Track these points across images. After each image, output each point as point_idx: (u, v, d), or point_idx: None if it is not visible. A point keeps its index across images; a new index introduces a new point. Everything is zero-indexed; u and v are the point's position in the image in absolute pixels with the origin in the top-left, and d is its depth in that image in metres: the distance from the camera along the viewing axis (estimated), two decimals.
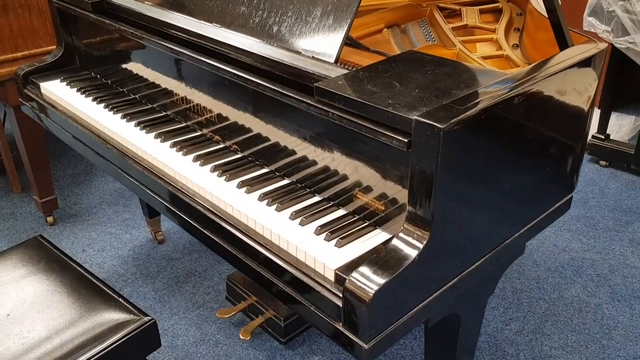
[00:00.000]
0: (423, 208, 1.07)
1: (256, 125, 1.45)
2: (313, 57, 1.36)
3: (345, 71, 1.28)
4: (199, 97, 1.61)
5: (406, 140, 1.05)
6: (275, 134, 1.41)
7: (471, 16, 2.02)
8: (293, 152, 1.38)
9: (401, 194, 1.16)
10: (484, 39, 1.84)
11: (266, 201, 1.33)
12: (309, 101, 1.23)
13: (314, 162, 1.34)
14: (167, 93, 1.72)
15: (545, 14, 1.76)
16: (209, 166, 1.47)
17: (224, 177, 1.42)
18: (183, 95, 1.66)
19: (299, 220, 1.26)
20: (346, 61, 1.48)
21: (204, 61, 1.49)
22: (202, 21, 1.62)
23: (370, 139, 1.14)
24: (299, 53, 1.38)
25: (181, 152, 1.54)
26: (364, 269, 1.05)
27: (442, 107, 1.06)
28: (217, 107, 1.55)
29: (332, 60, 1.32)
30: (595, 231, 2.67)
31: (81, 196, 2.97)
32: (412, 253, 1.06)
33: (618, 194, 2.95)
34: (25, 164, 2.57)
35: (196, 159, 1.50)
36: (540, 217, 1.41)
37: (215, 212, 1.35)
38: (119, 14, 1.83)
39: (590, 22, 2.91)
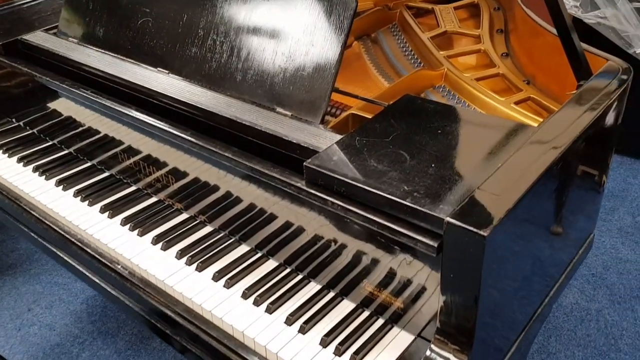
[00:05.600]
0: (461, 323, 0.86)
1: (226, 185, 1.18)
2: (292, 117, 1.10)
3: (337, 136, 1.03)
4: (148, 150, 1.31)
5: (435, 245, 0.83)
6: (251, 198, 1.14)
7: (448, 19, 1.79)
8: (275, 223, 1.13)
9: (425, 291, 0.94)
10: (470, 51, 1.61)
11: (252, 299, 1.09)
12: (298, 185, 0.98)
13: (307, 239, 1.10)
14: (108, 144, 1.42)
15: (534, 16, 1.56)
16: (174, 251, 1.21)
17: (195, 265, 1.17)
18: (128, 147, 1.36)
19: (297, 326, 1.03)
20: None
21: (145, 122, 1.21)
22: (144, 65, 1.33)
23: (384, 235, 0.91)
24: (272, 110, 1.13)
25: (136, 232, 1.27)
26: None
27: (476, 198, 0.83)
28: (173, 162, 1.27)
29: (318, 121, 1.08)
30: None
31: (18, 239, 2.63)
32: None
33: None
34: None
35: (156, 240, 1.24)
36: (569, 269, 1.22)
37: (188, 317, 1.09)
38: (38, 56, 1.51)
39: None
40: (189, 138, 1.13)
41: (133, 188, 1.41)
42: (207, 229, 1.27)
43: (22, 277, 2.42)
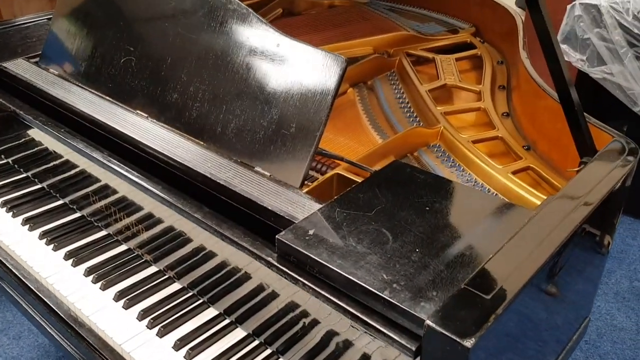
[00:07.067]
0: None
1: (199, 238, 1.09)
2: (271, 177, 1.03)
3: (316, 204, 0.95)
4: (121, 192, 1.22)
5: (414, 348, 0.74)
6: (224, 255, 1.05)
7: (448, 70, 1.72)
8: (247, 285, 1.03)
9: None
10: (469, 109, 1.54)
11: None
12: (269, 259, 0.90)
13: (278, 309, 1.00)
14: (82, 181, 1.33)
15: (539, 79, 1.49)
16: (137, 310, 1.11)
17: (156, 329, 1.08)
18: (100, 188, 1.27)
19: None
20: None
21: (116, 170, 1.14)
22: (123, 105, 1.26)
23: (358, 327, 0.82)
24: (251, 168, 1.05)
25: (99, 285, 1.18)
26: None
27: (461, 298, 0.75)
28: (146, 208, 1.18)
29: (297, 184, 1.00)
30: None
31: None
32: None
33: None
34: None
35: (119, 296, 1.15)
36: (562, 356, 1.13)
37: None
38: (16, 86, 1.43)
39: (563, 50, 2.67)
40: (159, 193, 1.06)
41: (103, 233, 1.33)
42: (175, 286, 1.18)
43: None
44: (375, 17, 2.06)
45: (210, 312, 1.12)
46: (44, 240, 1.30)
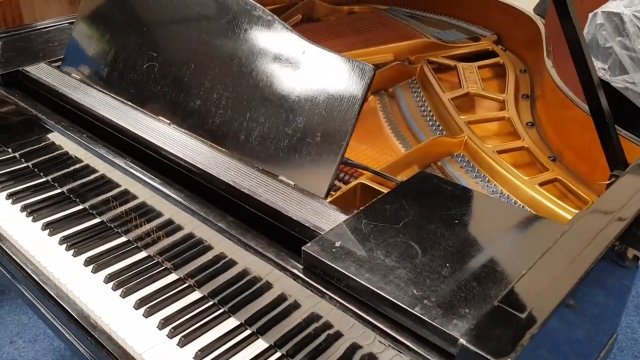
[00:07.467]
0: None
1: (219, 246, 1.07)
2: (295, 187, 1.01)
3: (341, 215, 0.94)
4: (142, 198, 1.21)
5: None
6: (245, 263, 1.03)
7: (471, 78, 1.70)
8: (269, 295, 1.02)
9: None
10: (493, 118, 1.52)
11: None
12: (294, 271, 0.88)
13: (300, 319, 0.98)
14: (102, 186, 1.32)
15: (565, 89, 1.46)
16: (157, 319, 1.10)
17: (177, 338, 1.06)
18: (121, 193, 1.26)
19: None
20: None
21: (138, 176, 1.13)
22: (145, 111, 1.25)
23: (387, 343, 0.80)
24: (275, 177, 1.03)
25: (119, 292, 1.17)
26: None
27: (495, 316, 0.73)
28: (166, 215, 1.16)
29: (322, 195, 0.98)
30: None
31: None
32: None
33: None
34: None
35: (139, 304, 1.13)
36: None
37: None
38: (38, 90, 1.43)
39: None
40: (182, 201, 1.04)
41: (122, 239, 1.31)
42: (196, 294, 1.17)
43: (8, 305, 2.33)
44: (395, 23, 2.05)
45: (231, 322, 1.10)
46: (64, 245, 1.29)
